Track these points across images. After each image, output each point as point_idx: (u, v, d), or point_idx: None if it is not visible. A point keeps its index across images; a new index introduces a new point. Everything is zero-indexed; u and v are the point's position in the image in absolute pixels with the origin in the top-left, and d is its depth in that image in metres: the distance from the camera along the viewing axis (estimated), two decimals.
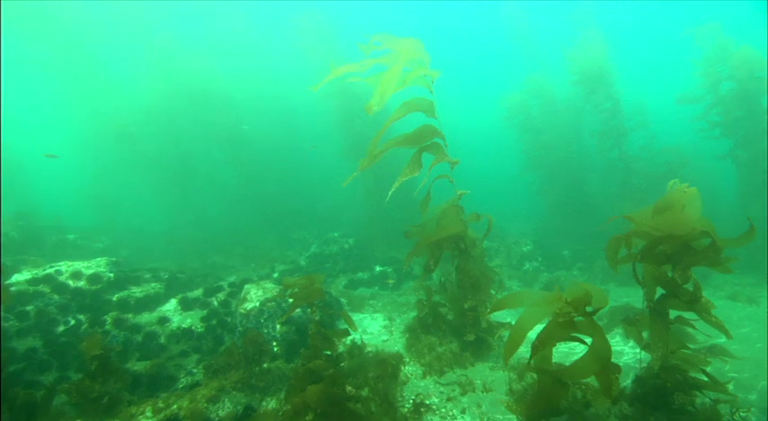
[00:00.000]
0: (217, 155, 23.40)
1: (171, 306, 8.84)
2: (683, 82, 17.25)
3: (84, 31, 22.45)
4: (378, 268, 13.63)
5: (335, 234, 17.06)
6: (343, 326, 9.60)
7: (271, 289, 8.89)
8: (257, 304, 8.39)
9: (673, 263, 5.59)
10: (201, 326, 8.18)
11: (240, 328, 8.30)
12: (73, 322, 7.80)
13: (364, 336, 9.39)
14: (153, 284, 9.65)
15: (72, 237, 15.82)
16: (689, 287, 5.17)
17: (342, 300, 11.55)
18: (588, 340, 4.54)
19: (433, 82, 6.99)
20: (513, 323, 5.05)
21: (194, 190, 23.09)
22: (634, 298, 10.87)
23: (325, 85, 18.70)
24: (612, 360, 4.44)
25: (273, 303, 8.52)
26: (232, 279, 13.43)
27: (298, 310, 9.00)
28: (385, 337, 9.22)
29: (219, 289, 9.42)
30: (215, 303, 8.96)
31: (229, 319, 8.45)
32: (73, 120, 24.73)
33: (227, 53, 25.12)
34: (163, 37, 22.88)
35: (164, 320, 8.19)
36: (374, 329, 9.87)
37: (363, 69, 6.20)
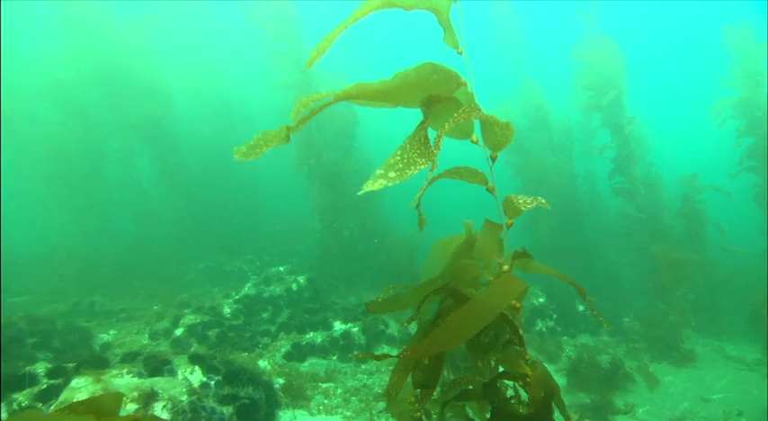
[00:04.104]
0: (137, 155, 18.42)
1: None
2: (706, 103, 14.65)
3: None
4: (338, 325, 9.35)
5: (281, 268, 12.67)
6: None
7: (124, 386, 4.43)
8: None
9: None
10: None
11: None
12: None
13: None
14: None
15: None
16: None
17: (279, 381, 7.16)
18: None
19: None
20: None
21: (103, 197, 17.86)
22: (718, 391, 7.31)
23: (280, 77, 13.89)
24: None
25: None
26: (107, 337, 8.68)
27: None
28: None
29: (32, 380, 4.81)
30: (2, 416, 4.34)
31: None
32: None
33: (163, 32, 20.59)
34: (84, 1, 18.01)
35: None
36: None
37: None
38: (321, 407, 6.73)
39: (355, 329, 9.16)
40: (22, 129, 17.97)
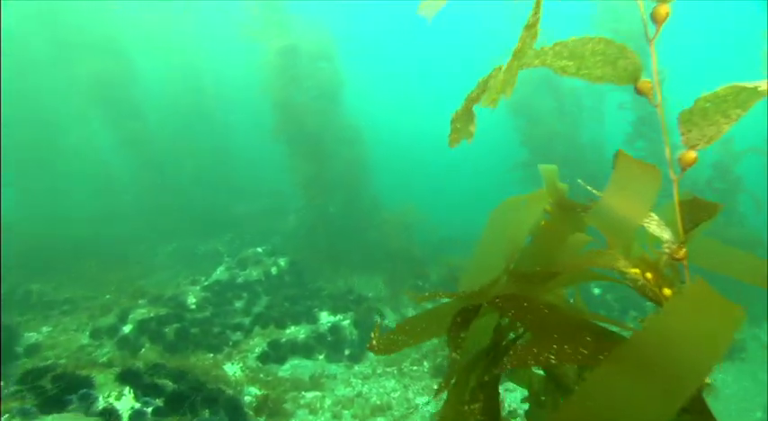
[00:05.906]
0: (95, 123, 16.29)
1: None
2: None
3: None
4: (325, 317, 7.84)
5: (259, 249, 11.04)
6: None
7: None
8: None
9: None
10: None
11: None
12: None
13: None
14: None
15: None
16: None
17: (250, 392, 5.65)
18: None
19: None
20: None
21: (54, 167, 15.80)
22: None
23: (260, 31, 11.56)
24: None
25: None
26: (38, 336, 7.04)
27: None
28: None
29: None
30: None
31: None
32: None
33: None
34: None
35: None
36: None
37: None
38: None
39: (346, 322, 7.66)
40: None
